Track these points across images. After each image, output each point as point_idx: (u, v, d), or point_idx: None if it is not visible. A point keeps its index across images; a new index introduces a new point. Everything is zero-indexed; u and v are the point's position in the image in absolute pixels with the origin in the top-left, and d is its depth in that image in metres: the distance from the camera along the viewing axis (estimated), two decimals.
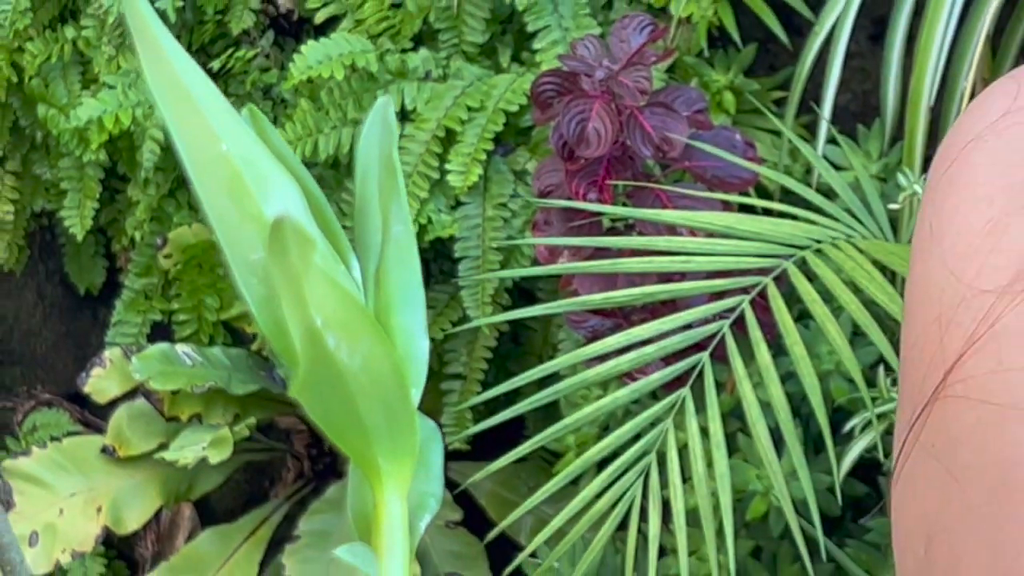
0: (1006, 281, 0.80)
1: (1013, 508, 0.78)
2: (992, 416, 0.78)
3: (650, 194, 1.95)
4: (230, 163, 0.72)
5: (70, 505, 2.16)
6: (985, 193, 0.85)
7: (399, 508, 0.73)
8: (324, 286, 0.69)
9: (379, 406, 0.72)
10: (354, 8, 2.16)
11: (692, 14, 2.04)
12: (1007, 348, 0.80)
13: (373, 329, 0.72)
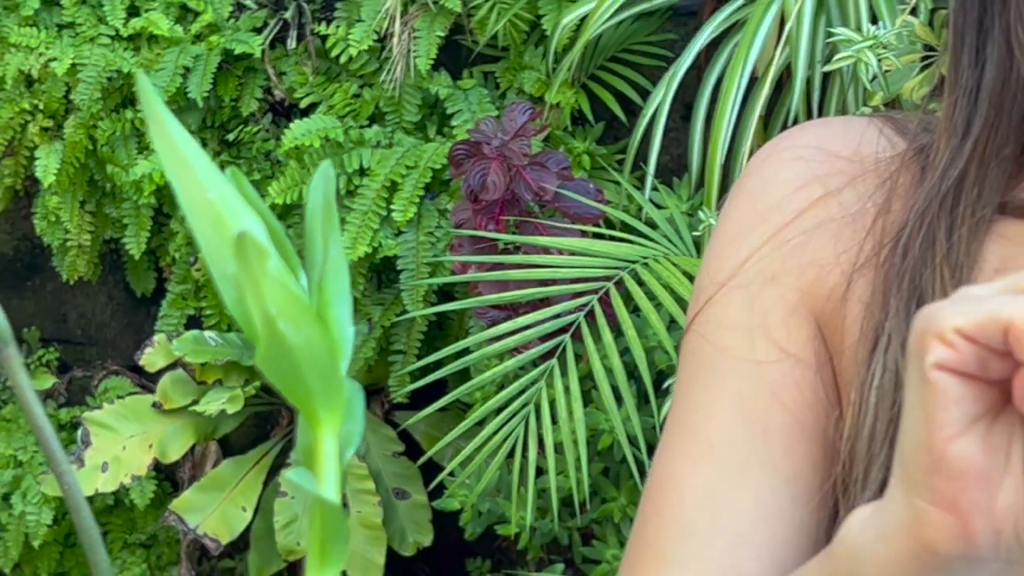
0: (726, 277, 0.95)
1: (703, 377, 0.95)
2: (696, 340, 0.95)
3: (531, 226, 2.03)
4: (214, 206, 0.60)
5: (130, 443, 2.27)
6: (736, 215, 0.96)
7: (332, 444, 0.60)
8: (276, 287, 0.60)
9: (317, 373, 0.61)
10: (327, 97, 2.25)
11: (560, 101, 2.12)
12: (711, 314, 0.95)
13: (313, 319, 0.61)
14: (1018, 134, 0.90)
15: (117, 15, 2.34)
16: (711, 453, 0.92)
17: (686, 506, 0.91)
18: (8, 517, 2.48)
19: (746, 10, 2.03)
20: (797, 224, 0.93)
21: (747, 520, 0.90)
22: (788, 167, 0.94)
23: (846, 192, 0.92)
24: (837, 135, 0.95)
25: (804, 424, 0.92)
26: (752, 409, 0.92)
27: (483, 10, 2.20)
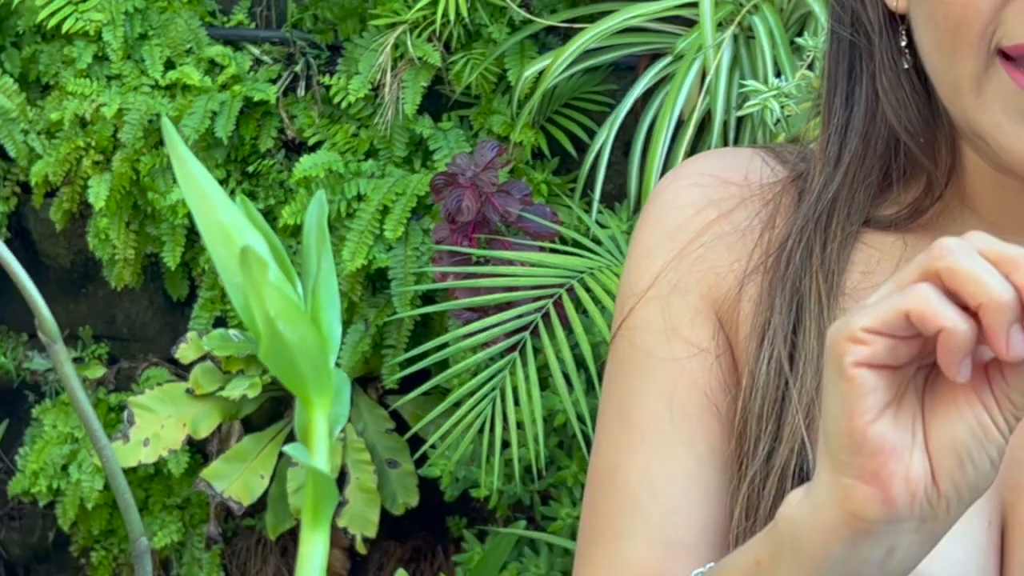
0: (643, 288, 0.94)
1: (632, 374, 0.94)
2: (623, 343, 0.94)
3: (498, 242, 2.04)
4: (224, 227, 0.63)
5: (167, 423, 2.27)
6: (647, 235, 0.95)
7: (323, 423, 0.62)
8: (275, 293, 0.63)
9: (310, 365, 0.64)
10: (331, 136, 2.25)
11: (522, 140, 2.13)
12: (633, 321, 0.94)
13: (307, 320, 0.64)
14: (881, 164, 0.89)
15: (156, 68, 2.35)
16: (645, 439, 0.91)
17: (630, 486, 0.90)
18: (66, 484, 2.47)
19: (674, 66, 2.04)
20: (698, 241, 0.92)
21: (679, 491, 0.90)
22: (688, 193, 0.94)
23: (737, 212, 0.92)
24: (728, 164, 0.94)
25: (717, 405, 0.91)
26: (674, 398, 0.91)
27: (459, 65, 2.21)
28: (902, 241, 0.90)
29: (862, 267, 0.89)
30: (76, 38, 2.34)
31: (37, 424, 2.55)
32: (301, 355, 0.66)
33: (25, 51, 2.40)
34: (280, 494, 2.35)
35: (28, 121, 2.38)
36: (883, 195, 0.90)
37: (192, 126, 2.27)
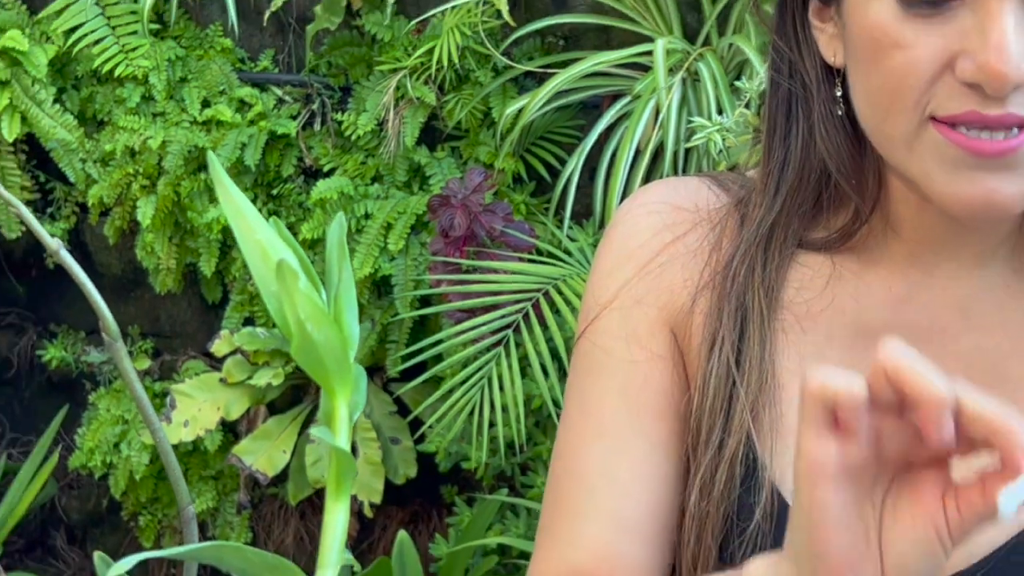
0: (606, 301, 0.92)
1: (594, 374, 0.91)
2: (587, 346, 0.92)
3: (485, 254, 2.04)
4: (261, 243, 0.72)
5: (204, 407, 2.27)
6: (609, 255, 0.93)
7: (344, 409, 0.71)
8: (304, 300, 0.69)
9: (333, 360, 0.71)
10: (342, 164, 2.24)
11: (504, 167, 2.13)
12: (597, 328, 0.92)
13: (331, 322, 0.71)
14: (814, 194, 0.87)
15: (194, 107, 2.33)
16: (603, 431, 0.89)
17: (588, 473, 0.89)
18: (118, 459, 2.47)
19: (632, 105, 2.03)
20: (655, 261, 0.90)
21: (631, 479, 0.88)
22: (645, 219, 0.92)
23: (688, 235, 0.90)
24: (679, 193, 0.92)
25: (667, 403, 0.89)
26: (630, 396, 0.89)
27: (451, 104, 2.20)
28: (831, 261, 0.87)
29: (796, 284, 0.87)
30: (126, 81, 2.33)
31: (93, 408, 2.53)
32: (326, 352, 0.71)
33: (83, 92, 2.38)
34: (299, 467, 2.34)
35: (86, 151, 2.37)
36: (815, 220, 0.88)
37: (225, 155, 2.26)
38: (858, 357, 0.84)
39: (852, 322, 0.86)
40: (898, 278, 0.87)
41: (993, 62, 0.72)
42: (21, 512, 2.54)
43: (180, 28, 2.36)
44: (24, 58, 2.29)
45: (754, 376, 0.85)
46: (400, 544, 2.15)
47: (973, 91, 0.74)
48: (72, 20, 2.29)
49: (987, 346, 0.86)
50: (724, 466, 0.83)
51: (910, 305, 0.86)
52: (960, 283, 0.86)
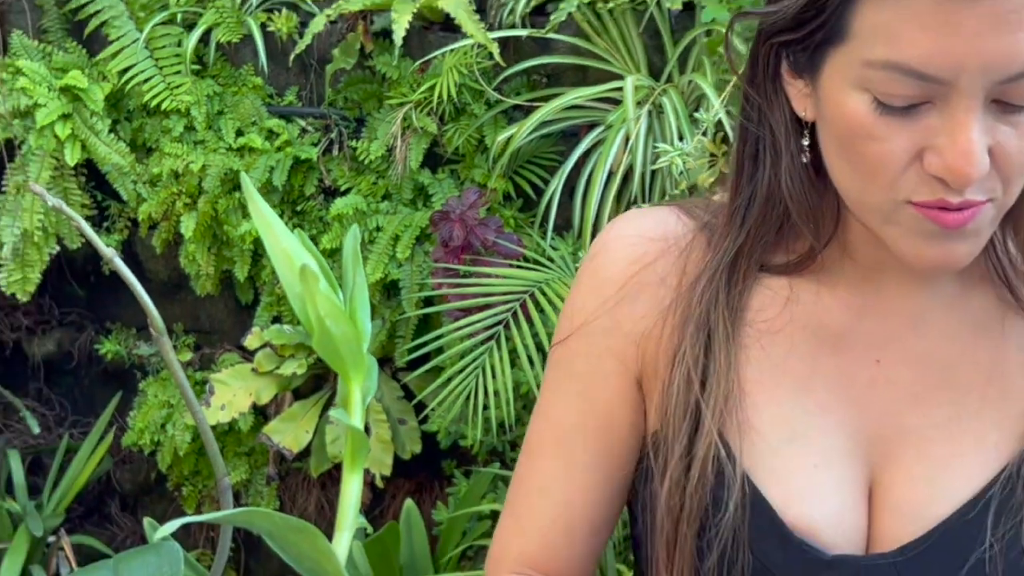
0: (581, 323, 0.89)
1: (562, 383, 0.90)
2: (557, 359, 0.90)
3: (480, 261, 2.03)
4: (287, 251, 0.73)
5: (238, 393, 2.26)
6: (586, 282, 0.90)
7: (359, 394, 0.72)
8: (324, 299, 0.70)
9: (349, 351, 0.72)
10: (357, 184, 2.23)
11: (496, 187, 2.11)
12: (572, 344, 0.89)
13: (346, 319, 0.72)
14: (776, 226, 0.85)
15: (230, 135, 2.33)
16: (561, 441, 0.89)
17: (544, 474, 0.89)
18: (164, 438, 2.47)
19: (605, 133, 2.03)
20: (625, 288, 0.88)
21: (576, 488, 0.88)
22: (620, 251, 0.89)
23: (658, 263, 0.87)
24: (648, 223, 0.89)
25: (623, 419, 0.88)
26: (588, 413, 0.88)
27: (450, 132, 2.20)
28: (789, 284, 0.86)
29: (758, 305, 0.86)
30: (171, 114, 2.33)
31: (142, 395, 2.53)
32: (343, 344, 0.73)
33: (134, 123, 2.38)
34: (320, 444, 2.33)
35: (136, 174, 2.36)
36: (777, 245, 0.87)
37: (256, 177, 2.26)
38: (817, 366, 0.84)
39: (812, 335, 0.85)
40: (854, 293, 0.85)
41: (961, 165, 0.72)
42: (81, 484, 2.55)
43: (217, 68, 2.36)
44: (84, 94, 2.29)
45: (721, 386, 0.83)
46: (407, 511, 2.16)
47: (939, 181, 0.73)
48: (125, 62, 2.30)
49: (936, 354, 0.84)
50: (696, 466, 0.82)
51: (866, 316, 0.85)
52: (910, 299, 0.85)
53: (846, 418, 0.82)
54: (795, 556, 0.78)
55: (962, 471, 0.81)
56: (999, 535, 0.79)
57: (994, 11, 0.69)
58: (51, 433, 2.69)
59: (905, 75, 0.71)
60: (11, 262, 2.32)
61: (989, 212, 0.75)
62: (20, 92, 2.25)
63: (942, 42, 0.70)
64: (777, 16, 0.78)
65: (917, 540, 0.79)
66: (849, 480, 0.81)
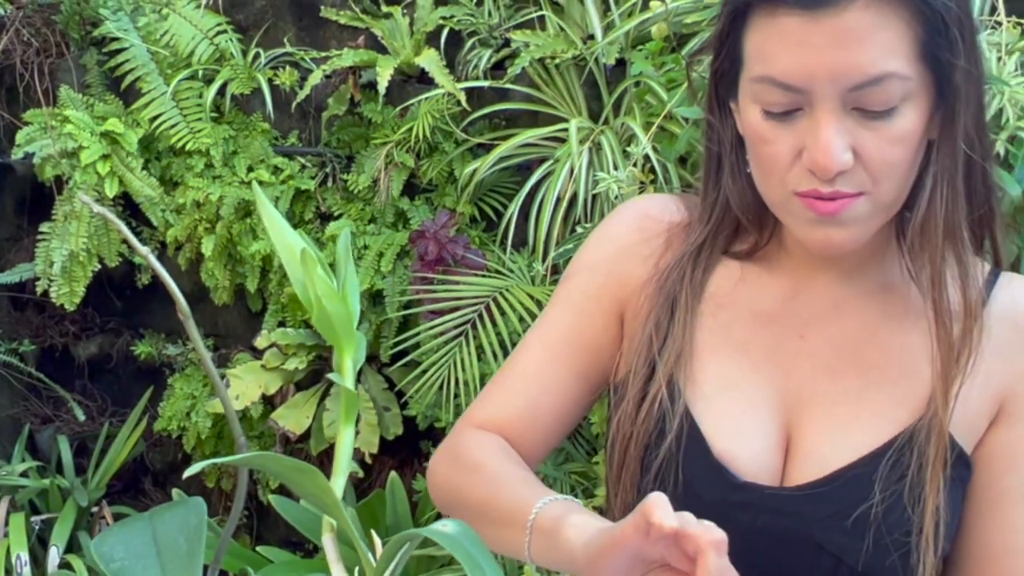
0: (584, 266, 0.92)
1: (561, 305, 0.92)
2: (565, 286, 0.93)
3: (451, 272, 2.02)
4: (291, 246, 0.72)
5: (250, 385, 2.24)
6: (598, 238, 0.94)
7: (350, 362, 0.72)
8: (320, 281, 0.69)
9: (342, 326, 0.71)
10: (348, 210, 2.22)
11: (464, 211, 2.11)
12: (575, 280, 0.92)
13: (339, 298, 0.71)
14: (734, 223, 0.88)
15: (242, 171, 2.32)
16: (548, 344, 0.90)
17: (530, 364, 0.90)
18: (189, 424, 2.44)
19: (554, 166, 2.03)
20: (625, 251, 0.91)
21: (551, 383, 0.90)
22: (627, 220, 0.92)
23: (652, 240, 0.91)
24: (655, 206, 0.92)
25: (597, 346, 0.90)
26: (574, 330, 0.91)
27: (425, 166, 2.19)
28: (741, 268, 0.88)
29: (716, 282, 0.89)
30: (194, 154, 2.31)
31: (170, 388, 2.50)
32: (336, 320, 0.73)
33: (163, 162, 2.36)
34: (319, 428, 2.32)
35: (165, 204, 2.35)
36: (740, 236, 0.89)
37: None
38: (754, 335, 0.86)
39: (751, 311, 0.87)
40: (789, 280, 0.87)
41: (821, 159, 0.73)
42: (119, 463, 2.53)
43: (232, 116, 2.35)
44: (120, 138, 2.28)
45: (676, 344, 0.86)
46: (391, 482, 2.15)
47: (813, 174, 0.75)
48: (155, 110, 2.29)
49: (850, 334, 0.85)
50: (647, 403, 0.85)
51: (796, 299, 0.87)
52: (833, 288, 0.86)
53: (773, 379, 0.84)
54: (715, 477, 0.80)
55: (861, 433, 0.81)
56: (886, 491, 0.79)
57: (836, 30, 0.71)
58: (94, 421, 2.67)
59: (774, 86, 0.74)
60: (60, 277, 2.31)
61: (864, 205, 0.76)
62: (67, 136, 2.24)
63: (798, 57, 0.72)
64: (705, 51, 0.82)
65: (816, 482, 0.81)
66: (769, 427, 0.82)
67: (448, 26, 2.15)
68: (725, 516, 0.77)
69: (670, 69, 1.84)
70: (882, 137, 0.74)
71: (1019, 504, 0.81)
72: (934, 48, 0.73)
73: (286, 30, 2.36)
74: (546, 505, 0.75)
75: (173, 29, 2.30)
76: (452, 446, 0.89)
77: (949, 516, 0.79)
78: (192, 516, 0.70)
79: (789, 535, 0.80)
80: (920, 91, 0.74)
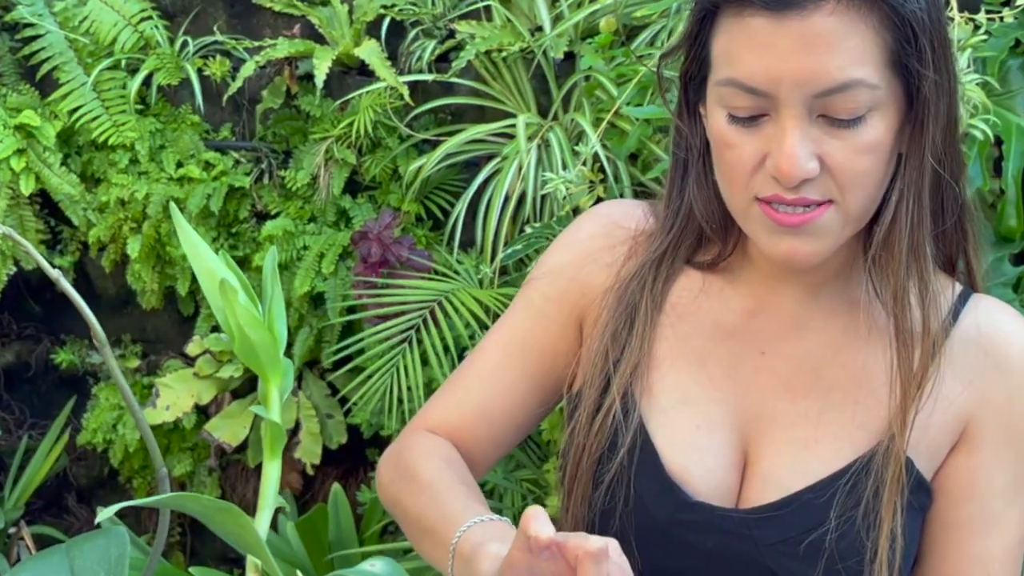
0: (547, 271, 0.94)
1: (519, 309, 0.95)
2: (527, 290, 0.95)
3: (395, 274, 2.02)
4: (211, 270, 0.72)
5: (181, 395, 2.22)
6: (564, 243, 0.96)
7: (276, 392, 0.72)
8: (242, 310, 0.69)
9: (267, 355, 0.71)
10: (286, 209, 2.19)
11: (409, 210, 2.10)
12: (535, 285, 0.95)
13: (263, 327, 0.71)
14: (696, 233, 0.89)
15: (171, 167, 2.28)
16: (506, 347, 0.92)
17: (487, 366, 0.92)
18: (115, 436, 2.42)
19: (502, 163, 2.03)
20: (589, 256, 0.92)
21: (505, 388, 0.92)
22: (590, 228, 0.94)
23: (616, 248, 0.92)
24: (622, 211, 0.94)
25: (554, 353, 0.92)
26: (532, 335, 0.92)
27: (368, 163, 2.18)
28: (703, 279, 0.90)
29: (678, 293, 0.90)
30: (117, 148, 2.27)
31: (95, 399, 2.47)
32: (261, 349, 0.72)
33: (84, 157, 2.32)
34: (256, 438, 2.30)
35: (86, 202, 2.31)
36: (703, 246, 0.91)
37: (195, 204, 2.22)
38: (714, 349, 0.87)
39: (712, 325, 0.88)
40: (751, 295, 0.88)
41: (785, 165, 0.74)
42: (40, 479, 2.48)
43: (159, 108, 2.31)
44: (37, 131, 2.23)
45: (634, 356, 0.87)
46: (335, 494, 2.14)
47: (777, 181, 0.76)
48: (74, 102, 2.25)
49: (812, 354, 0.86)
50: (601, 415, 0.86)
51: (758, 315, 0.88)
52: (798, 306, 0.87)
53: (731, 395, 0.84)
54: (667, 494, 0.81)
55: (820, 456, 0.82)
56: (840, 516, 0.79)
57: (803, 35, 0.71)
58: (11, 435, 2.61)
59: (739, 89, 0.75)
60: None
61: (832, 215, 0.77)
62: None
63: (764, 61, 0.73)
64: (676, 53, 0.83)
65: (770, 505, 0.81)
66: (725, 445, 0.83)
67: (390, 16, 2.13)
68: (675, 535, 0.79)
69: (620, 63, 1.84)
70: (849, 146, 0.74)
71: (976, 534, 0.81)
72: (903, 57, 0.73)
73: (216, 17, 2.32)
74: (470, 528, 0.76)
75: (93, 15, 2.25)
76: (399, 450, 0.91)
77: (906, 543, 0.80)
78: (113, 547, 0.69)
79: (740, 558, 0.80)
80: (889, 101, 0.75)
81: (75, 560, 0.64)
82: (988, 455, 0.81)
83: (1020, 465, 0.82)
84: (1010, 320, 0.83)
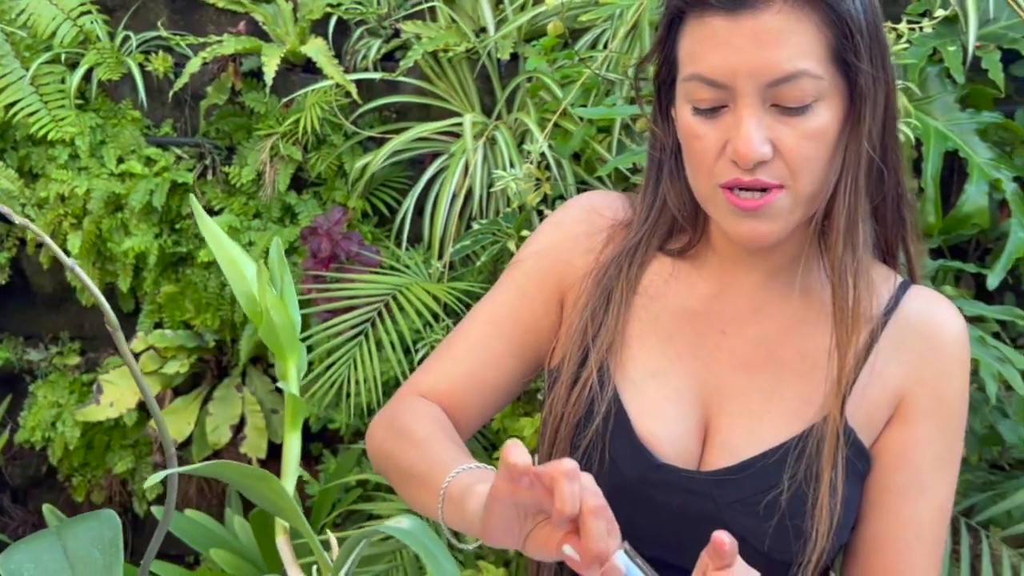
0: (531, 253, 0.99)
1: (505, 286, 1.00)
2: (513, 268, 1.00)
3: (345, 270, 2.03)
4: (233, 258, 0.76)
5: (124, 392, 2.24)
6: (547, 229, 0.99)
7: (294, 369, 0.76)
8: (271, 296, 0.74)
9: (286, 335, 0.75)
10: (230, 205, 2.21)
11: (356, 206, 2.12)
12: (521, 266, 1.00)
13: (285, 309, 0.76)
14: (670, 223, 0.96)
15: (111, 162, 2.32)
16: (493, 320, 0.99)
17: (475, 337, 0.99)
18: (54, 434, 2.43)
19: (448, 161, 2.09)
20: (570, 241, 0.99)
21: (492, 357, 0.98)
22: (573, 215, 1.00)
23: (596, 235, 0.99)
24: (603, 202, 1.01)
25: (535, 327, 0.97)
26: (516, 309, 0.99)
27: (313, 159, 2.22)
28: (673, 264, 0.96)
29: (650, 277, 0.98)
30: (57, 143, 2.30)
31: (32, 396, 2.48)
32: (282, 330, 0.81)
33: (21, 152, 2.34)
34: (201, 434, 2.33)
35: (25, 198, 2.33)
36: (675, 235, 0.98)
37: (137, 199, 2.24)
38: (681, 328, 0.95)
39: (679, 306, 0.96)
40: (714, 280, 0.96)
41: (742, 148, 0.84)
42: None
43: (99, 103, 2.34)
44: None
45: (608, 335, 0.94)
46: None
47: (737, 165, 0.85)
48: (12, 96, 2.26)
49: (768, 335, 0.92)
50: (578, 387, 0.93)
51: (720, 298, 0.96)
52: (756, 290, 0.95)
53: (695, 370, 0.91)
54: (637, 457, 0.89)
55: (772, 426, 0.89)
56: (792, 479, 0.87)
57: (754, 31, 0.81)
58: None
59: (701, 82, 0.84)
60: None
61: (784, 199, 0.86)
62: None
63: (722, 56, 0.83)
64: (650, 59, 0.92)
65: (728, 468, 0.91)
66: (690, 414, 0.92)
67: (336, 14, 2.18)
68: (644, 494, 0.87)
69: (563, 65, 1.91)
70: (797, 132, 0.82)
71: (907, 499, 0.89)
72: (843, 52, 0.81)
73: (158, 12, 2.36)
74: (459, 474, 0.81)
75: (31, 8, 2.28)
76: (391, 412, 0.95)
77: (845, 504, 0.88)
78: (106, 530, 0.72)
79: (700, 515, 0.88)
80: (833, 92, 0.82)
81: (67, 541, 0.66)
82: (920, 428, 0.88)
83: (948, 438, 0.89)
84: (945, 309, 0.91)
